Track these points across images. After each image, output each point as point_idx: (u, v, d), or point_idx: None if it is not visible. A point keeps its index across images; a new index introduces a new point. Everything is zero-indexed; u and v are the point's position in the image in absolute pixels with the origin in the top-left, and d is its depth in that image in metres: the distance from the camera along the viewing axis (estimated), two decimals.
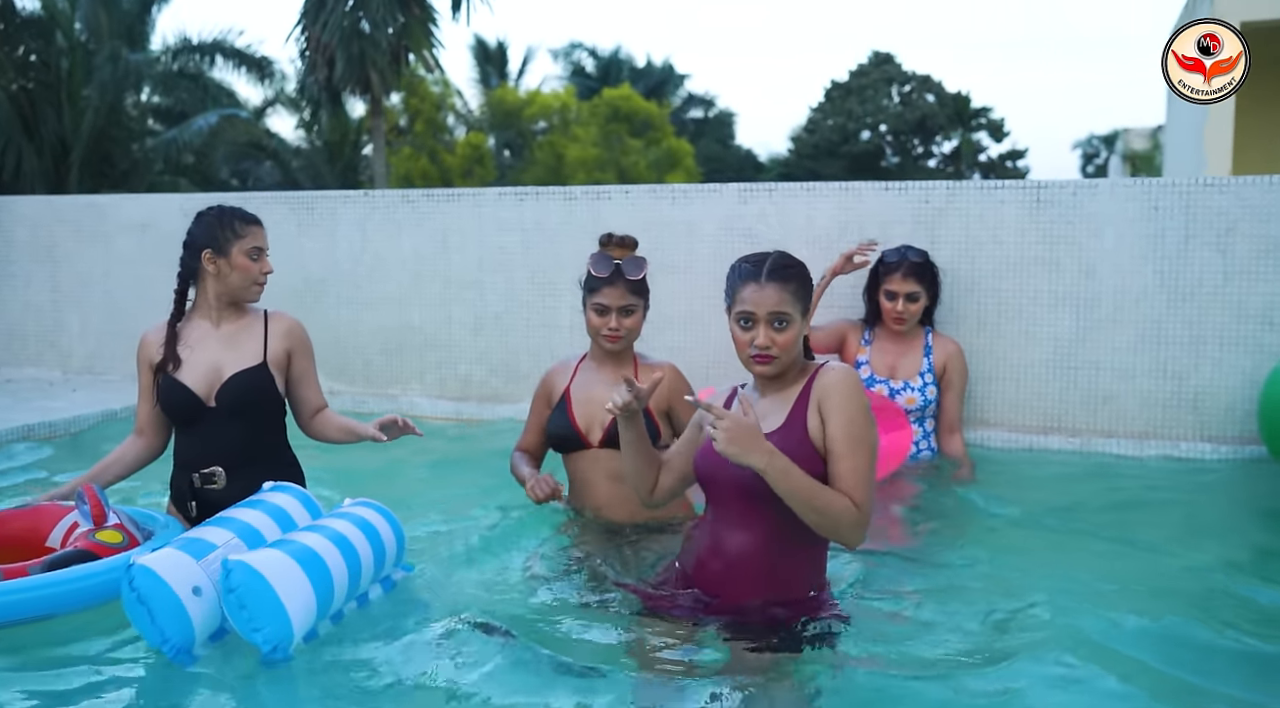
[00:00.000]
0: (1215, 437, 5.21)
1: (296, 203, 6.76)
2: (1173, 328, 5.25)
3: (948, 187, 5.61)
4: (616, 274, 3.52)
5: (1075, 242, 5.34)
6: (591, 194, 6.21)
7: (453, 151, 24.11)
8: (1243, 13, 11.10)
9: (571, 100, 25.68)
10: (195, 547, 2.66)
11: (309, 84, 13.08)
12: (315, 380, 3.60)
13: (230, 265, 3.40)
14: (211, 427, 3.38)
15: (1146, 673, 2.64)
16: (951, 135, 40.09)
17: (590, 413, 3.56)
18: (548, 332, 6.28)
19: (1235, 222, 5.12)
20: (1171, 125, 15.18)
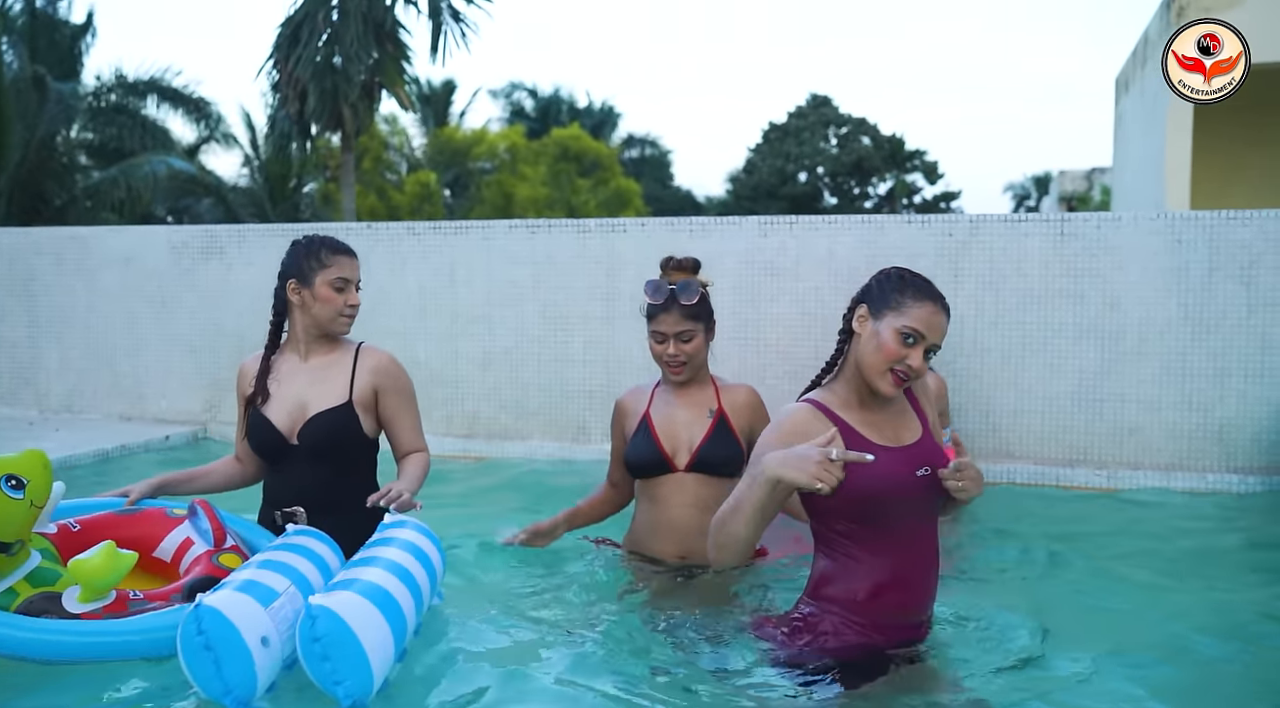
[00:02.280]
0: (1242, 468, 5.25)
1: (296, 235, 6.55)
2: (1197, 360, 5.29)
3: (971, 220, 5.62)
4: (671, 300, 3.44)
5: (1099, 274, 5.37)
6: (606, 226, 6.12)
7: (401, 189, 23.91)
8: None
9: (520, 139, 25.63)
10: (260, 592, 2.43)
11: (279, 118, 12.85)
12: (408, 420, 3.34)
13: (314, 296, 3.24)
14: (294, 465, 3.23)
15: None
16: (887, 177, 40.76)
17: (675, 435, 3.46)
18: (560, 367, 6.15)
19: (1259, 254, 5.19)
20: (1120, 164, 15.55)
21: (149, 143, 20.95)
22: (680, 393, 3.51)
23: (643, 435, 3.48)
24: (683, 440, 3.45)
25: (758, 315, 5.78)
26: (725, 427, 3.45)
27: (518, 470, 5.78)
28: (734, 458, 3.44)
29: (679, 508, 3.45)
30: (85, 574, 2.54)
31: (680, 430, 3.46)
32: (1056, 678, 2.76)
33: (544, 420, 6.18)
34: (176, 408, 6.83)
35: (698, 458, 3.42)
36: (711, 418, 3.45)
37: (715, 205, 42.24)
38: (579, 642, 2.96)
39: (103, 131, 21.19)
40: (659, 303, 3.45)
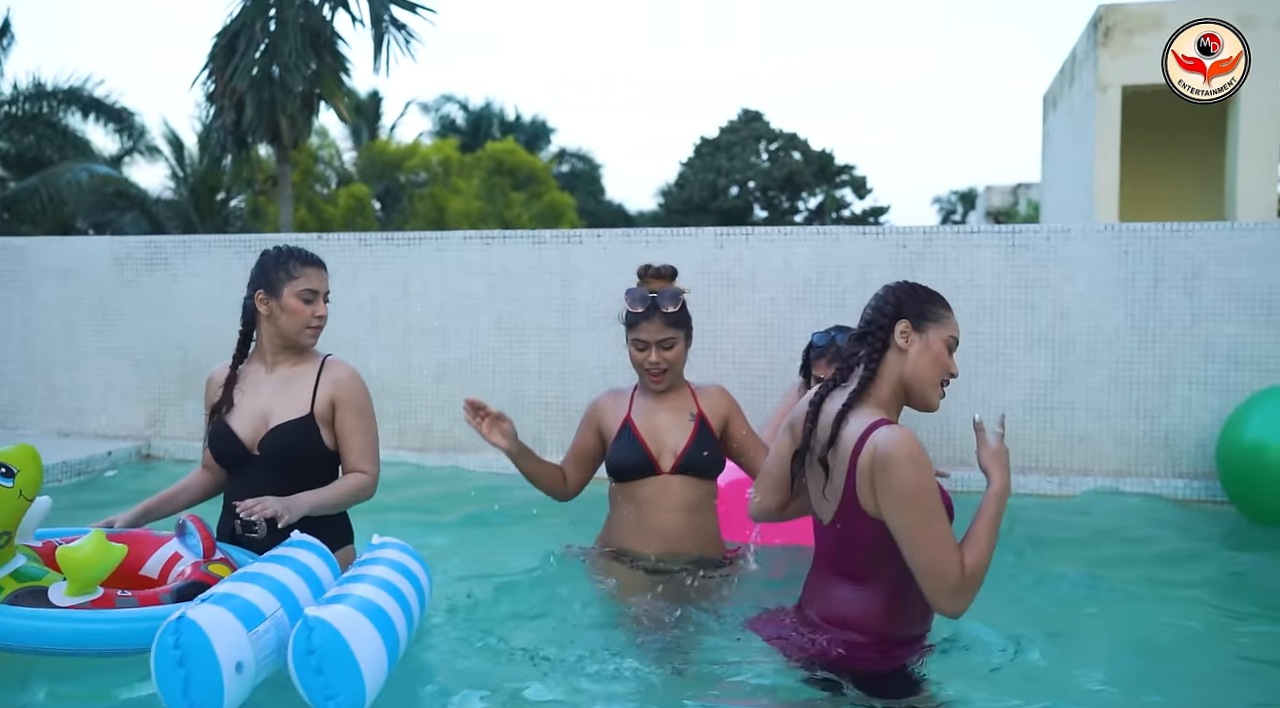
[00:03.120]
0: (1186, 473, 5.38)
1: (242, 247, 6.46)
2: (1144, 368, 5.43)
3: (925, 231, 5.70)
4: (653, 308, 3.43)
5: (1049, 285, 5.49)
6: (561, 237, 6.11)
7: (333, 202, 23.63)
8: (1122, 77, 11.79)
9: (453, 153, 25.47)
10: (246, 613, 2.35)
11: (214, 129, 12.61)
12: (358, 439, 3.24)
13: (281, 307, 3.22)
14: (255, 475, 3.18)
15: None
16: (817, 191, 41.23)
17: (659, 439, 3.47)
18: (515, 378, 6.12)
19: (1201, 265, 5.34)
20: (1049, 180, 15.92)
21: (69, 153, 20.45)
22: (659, 399, 3.53)
23: (627, 439, 3.48)
24: (667, 444, 3.46)
25: (714, 326, 5.81)
26: (706, 429, 3.49)
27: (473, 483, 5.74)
28: (716, 460, 3.49)
29: (665, 511, 3.46)
30: (74, 563, 2.48)
31: (664, 435, 3.47)
32: (1033, 682, 2.80)
33: None
34: (118, 423, 6.67)
35: (683, 461, 3.44)
36: (693, 422, 3.48)
37: (646, 219, 42.39)
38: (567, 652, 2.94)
39: (19, 141, 20.64)
40: (640, 311, 3.44)
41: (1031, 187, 24.43)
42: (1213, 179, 12.75)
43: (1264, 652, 3.24)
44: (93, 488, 5.75)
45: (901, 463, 2.41)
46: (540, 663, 2.87)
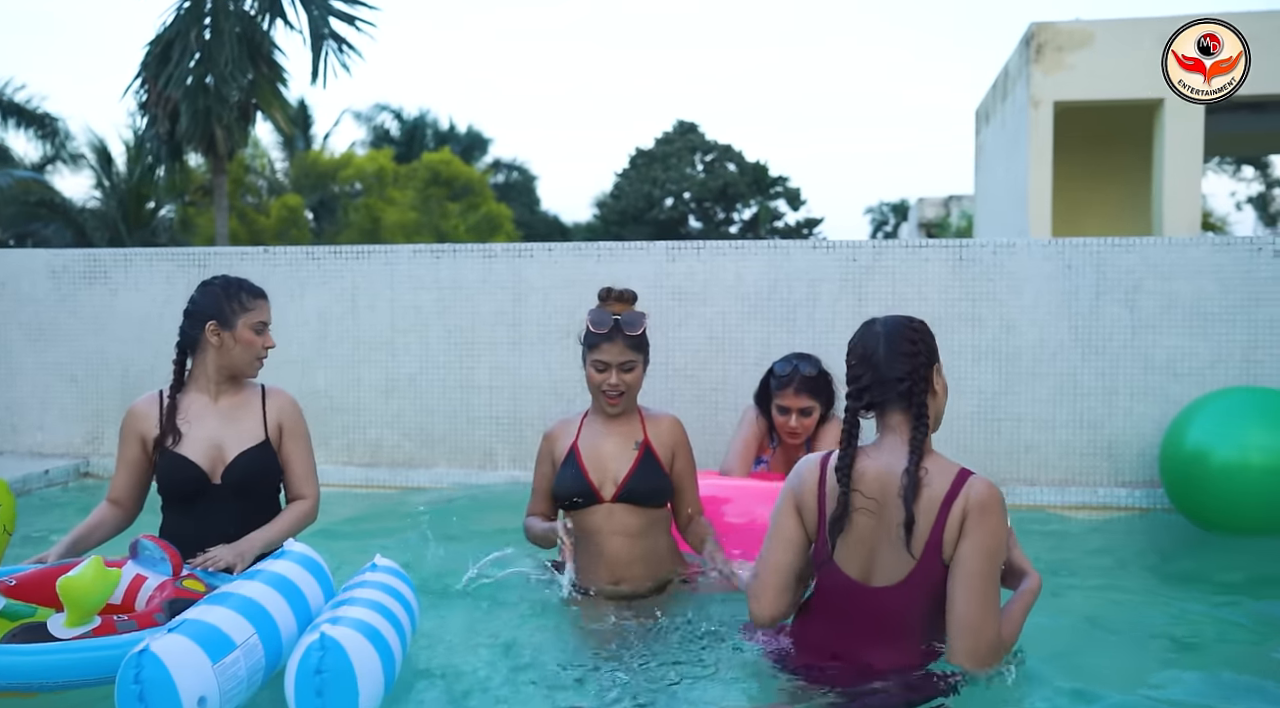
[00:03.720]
0: (1129, 482, 5.51)
1: (185, 260, 6.35)
2: (1087, 380, 5.55)
3: (874, 245, 5.78)
4: (615, 330, 3.44)
5: (996, 298, 5.59)
6: (512, 251, 6.09)
7: (265, 213, 23.30)
8: (1053, 93, 12.06)
9: (388, 163, 25.25)
10: (214, 643, 2.29)
11: (148, 138, 12.34)
12: (301, 464, 3.37)
13: (235, 339, 3.28)
14: (212, 505, 3.22)
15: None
16: (751, 203, 41.53)
17: (602, 467, 3.46)
18: (465, 393, 6.08)
19: (1141, 279, 5.48)
20: (982, 193, 16.21)
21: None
22: (608, 424, 3.52)
23: (570, 467, 3.48)
24: (609, 472, 3.46)
25: (665, 340, 5.82)
26: (651, 458, 3.47)
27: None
28: (660, 489, 3.48)
29: (609, 538, 3.45)
30: (78, 591, 2.42)
31: (608, 462, 3.47)
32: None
33: (449, 448, 6.10)
34: (55, 441, 6.50)
35: (624, 489, 3.43)
36: (638, 450, 3.47)
37: (582, 230, 42.38)
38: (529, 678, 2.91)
39: None
40: (603, 332, 3.44)
41: (963, 198, 24.85)
42: (1140, 194, 13.08)
43: (1210, 647, 3.34)
44: (30, 509, 5.59)
45: (997, 513, 2.46)
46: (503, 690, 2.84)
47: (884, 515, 2.49)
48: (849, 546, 2.51)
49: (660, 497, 3.49)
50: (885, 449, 2.56)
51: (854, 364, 2.60)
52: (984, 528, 2.44)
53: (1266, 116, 14.31)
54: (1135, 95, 11.87)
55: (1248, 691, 3.03)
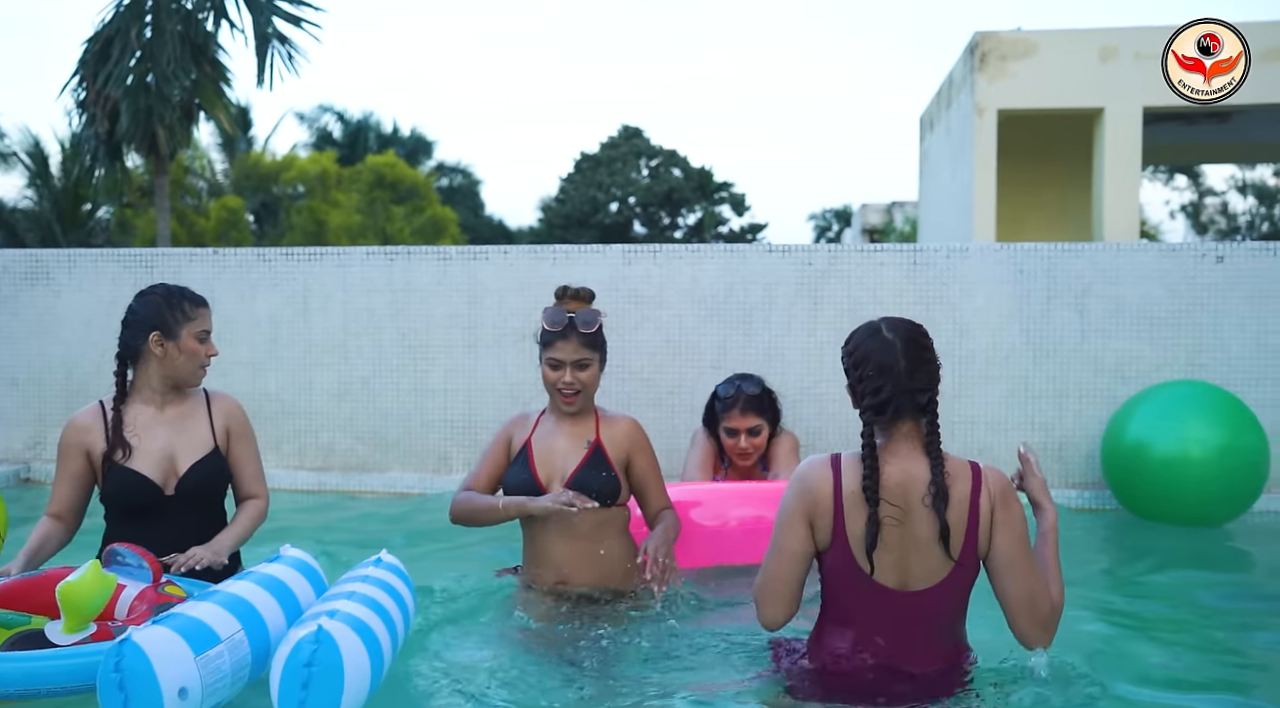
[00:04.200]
0: (1079, 483, 5.60)
1: (133, 261, 6.22)
2: (1038, 383, 5.63)
3: (829, 249, 5.83)
4: (570, 327, 3.41)
5: (950, 302, 5.66)
6: (467, 254, 6.05)
7: (205, 215, 22.92)
8: (997, 101, 12.25)
9: (332, 165, 24.98)
10: (198, 635, 2.26)
11: (86, 137, 12.07)
12: (251, 465, 3.37)
13: (179, 349, 3.21)
14: (166, 517, 3.17)
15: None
16: (696, 208, 41.68)
17: (552, 465, 3.43)
18: (419, 396, 6.03)
19: (1090, 284, 5.58)
20: (926, 199, 16.41)
21: None
22: (562, 423, 3.49)
23: (521, 463, 3.47)
24: (557, 469, 3.43)
25: (622, 343, 5.80)
26: (600, 457, 3.43)
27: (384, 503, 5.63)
28: (608, 489, 3.41)
29: (555, 537, 3.41)
30: (77, 595, 2.40)
31: (557, 460, 3.44)
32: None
33: (403, 451, 6.04)
34: None
35: (569, 487, 3.38)
36: (587, 448, 3.44)
37: (526, 235, 42.26)
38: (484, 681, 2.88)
39: None
40: (557, 330, 3.42)
41: (906, 205, 25.14)
42: (1080, 200, 13.31)
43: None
44: None
45: (1015, 495, 2.52)
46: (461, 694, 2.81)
47: (909, 522, 2.45)
48: (882, 558, 2.46)
49: (607, 497, 3.41)
50: (900, 455, 2.50)
51: (872, 375, 2.51)
52: (1012, 514, 2.49)
53: (1198, 128, 14.68)
54: (1076, 104, 12.10)
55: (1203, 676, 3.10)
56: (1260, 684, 3.10)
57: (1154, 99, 11.69)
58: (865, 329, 2.59)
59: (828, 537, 2.48)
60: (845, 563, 2.46)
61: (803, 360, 5.76)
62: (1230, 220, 30.85)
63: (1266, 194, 30.02)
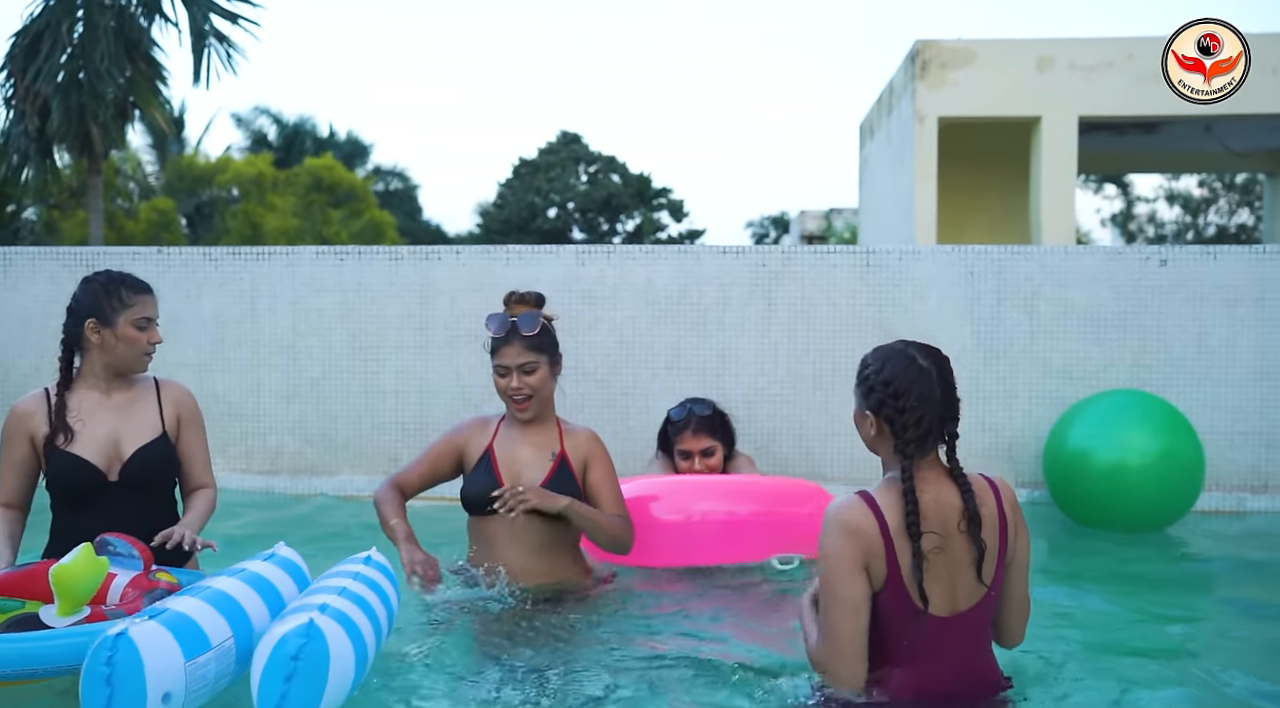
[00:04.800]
0: (1028, 482, 5.68)
1: (71, 259, 6.07)
2: (989, 384, 5.71)
3: (783, 251, 5.87)
4: (513, 332, 3.39)
5: (902, 304, 5.71)
6: (419, 254, 5.99)
7: (134, 217, 22.42)
8: (938, 109, 12.42)
9: (268, 168, 24.59)
10: (191, 639, 2.22)
11: (14, 135, 11.71)
12: (202, 455, 3.35)
13: (116, 337, 3.17)
14: (110, 502, 3.14)
15: None
16: (634, 214, 41.76)
17: (516, 474, 3.40)
18: (370, 398, 5.95)
19: (1039, 286, 5.67)
20: (867, 205, 16.59)
21: None
22: (524, 431, 3.46)
23: (484, 470, 3.40)
24: (524, 480, 3.38)
25: (575, 344, 5.74)
26: (566, 471, 3.41)
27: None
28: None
29: (512, 549, 3.37)
30: (70, 578, 2.41)
31: (522, 469, 3.41)
32: None
33: (353, 454, 5.95)
34: None
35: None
36: (553, 460, 3.42)
37: (464, 240, 42.05)
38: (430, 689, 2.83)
39: None
40: (501, 336, 3.40)
41: (844, 211, 25.40)
42: (1018, 207, 13.55)
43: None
44: None
45: (1017, 499, 2.54)
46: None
47: (950, 548, 2.41)
48: (932, 589, 2.40)
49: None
50: (929, 482, 2.44)
51: (915, 407, 2.41)
52: (1021, 517, 2.52)
53: (1127, 138, 15.02)
54: (1014, 113, 12.31)
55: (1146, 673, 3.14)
56: (1201, 681, 3.12)
57: (1088, 109, 11.95)
58: (899, 358, 2.48)
59: (882, 578, 2.39)
60: (900, 600, 2.39)
61: (756, 362, 5.78)
62: (1158, 228, 31.62)
63: (1192, 204, 30.83)
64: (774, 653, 3.05)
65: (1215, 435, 5.52)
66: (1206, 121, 13.22)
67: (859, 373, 2.54)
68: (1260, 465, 5.66)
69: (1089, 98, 11.92)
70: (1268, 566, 4.74)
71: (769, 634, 3.27)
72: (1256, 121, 12.99)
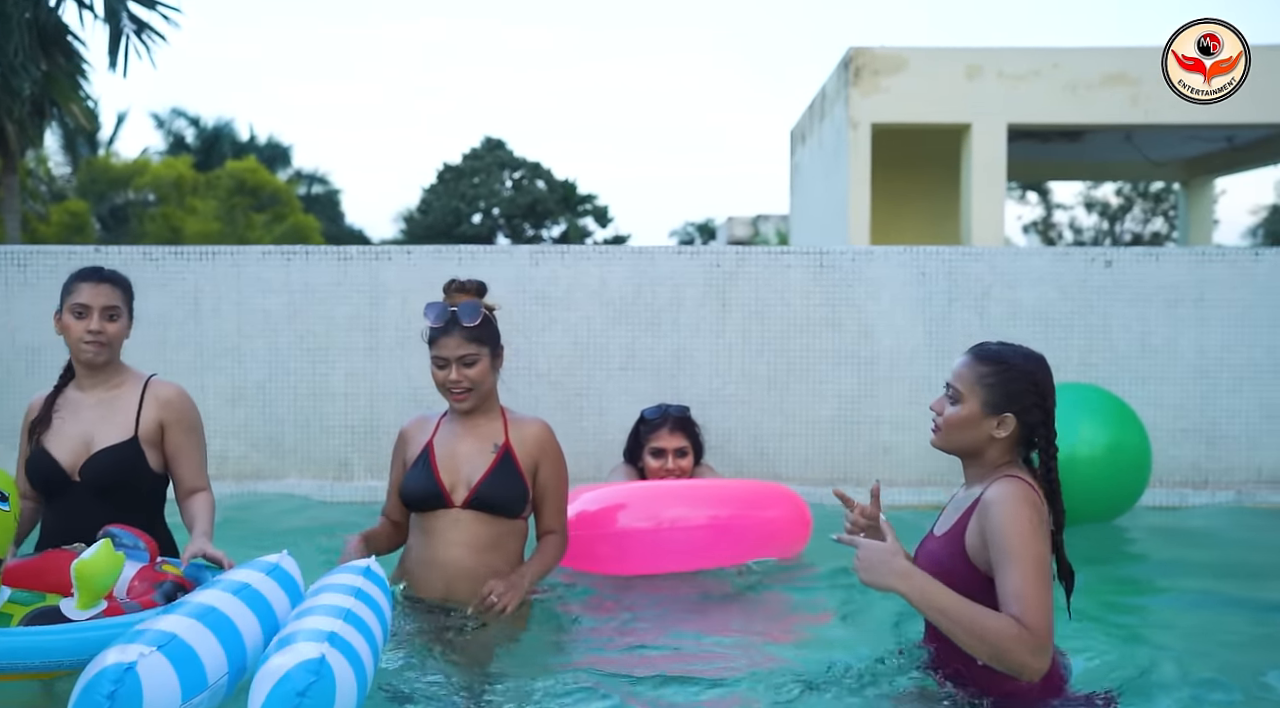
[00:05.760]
0: None
1: (4, 258, 5.84)
2: (941, 383, 5.71)
3: (737, 251, 5.87)
4: (452, 322, 3.19)
5: (855, 304, 5.75)
6: (369, 254, 5.89)
7: (45, 220, 21.77)
8: (871, 115, 12.58)
9: (188, 171, 24.04)
10: (192, 678, 2.13)
11: None
12: (194, 458, 3.23)
13: (61, 326, 3.16)
14: (75, 502, 3.09)
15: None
16: (560, 220, 41.68)
17: (455, 469, 3.23)
18: (318, 401, 5.83)
19: (989, 286, 5.75)
20: (799, 210, 16.74)
21: None
22: (466, 423, 3.29)
23: (421, 466, 3.25)
24: (462, 475, 3.23)
25: (529, 345, 5.73)
26: (510, 463, 3.24)
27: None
28: (516, 497, 3.25)
29: (452, 547, 3.22)
30: (93, 571, 2.43)
31: (461, 464, 3.24)
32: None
33: (301, 458, 5.83)
34: None
35: (475, 495, 3.21)
36: (495, 453, 3.24)
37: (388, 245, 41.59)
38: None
39: None
40: (440, 326, 3.21)
41: (772, 217, 25.63)
42: (949, 213, 13.78)
43: None
44: None
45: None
46: None
47: None
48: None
49: (514, 507, 3.25)
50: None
51: (1053, 407, 2.54)
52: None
53: (1051, 147, 15.38)
54: (945, 120, 12.51)
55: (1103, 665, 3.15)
56: (1157, 675, 3.15)
57: (1017, 117, 12.19)
58: (1039, 362, 2.57)
59: None
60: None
61: (711, 362, 5.78)
62: (1077, 235, 32.44)
63: (1109, 211, 31.70)
64: (732, 659, 3.04)
65: (1158, 433, 5.63)
66: (1127, 131, 13.60)
67: (1001, 374, 2.53)
68: (1201, 462, 5.80)
69: (1018, 106, 12.17)
70: (1209, 560, 4.86)
71: (721, 641, 3.27)
72: (1173, 131, 13.39)
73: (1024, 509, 2.36)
